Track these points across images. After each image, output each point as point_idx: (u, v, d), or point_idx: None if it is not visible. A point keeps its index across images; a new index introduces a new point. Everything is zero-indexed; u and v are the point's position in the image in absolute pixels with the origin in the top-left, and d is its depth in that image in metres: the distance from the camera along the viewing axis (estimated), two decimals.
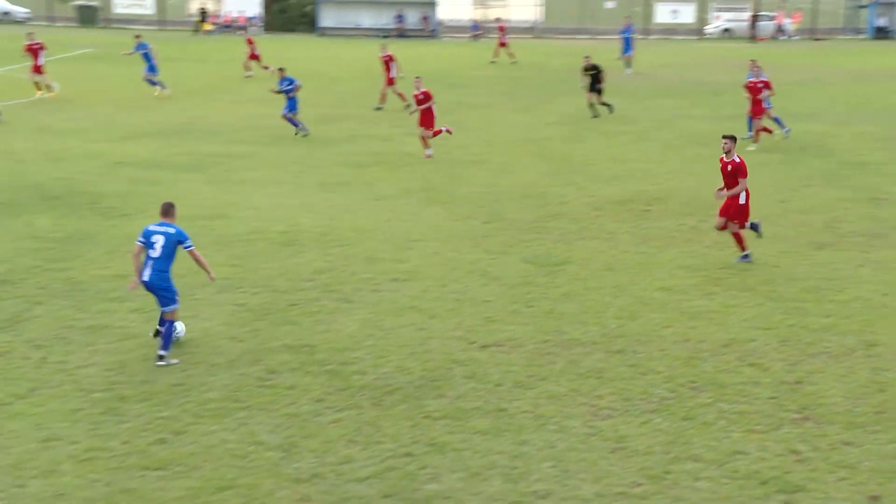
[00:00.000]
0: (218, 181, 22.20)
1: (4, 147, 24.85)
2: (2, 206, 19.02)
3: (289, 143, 27.20)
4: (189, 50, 56.56)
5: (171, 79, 39.54)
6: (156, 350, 12.07)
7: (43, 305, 13.78)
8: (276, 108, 33.75)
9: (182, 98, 35.67)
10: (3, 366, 11.69)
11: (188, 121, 30.45)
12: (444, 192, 21.52)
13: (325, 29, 72.11)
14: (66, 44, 52.58)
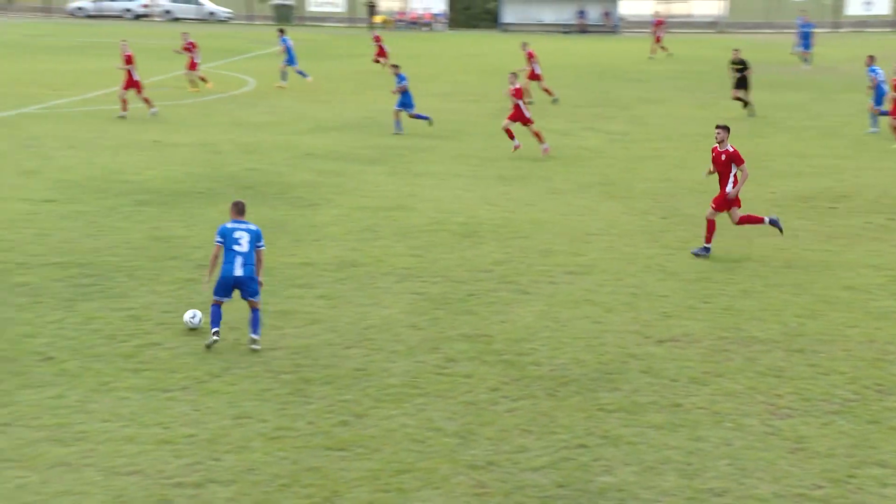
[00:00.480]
0: (399, 173, 22.53)
1: (205, 139, 25.85)
2: (203, 196, 19.78)
3: (468, 137, 27.37)
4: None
5: (356, 74, 40.37)
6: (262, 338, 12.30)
7: None
8: (456, 103, 34.05)
9: (366, 93, 36.37)
10: (200, 346, 12.14)
11: (372, 115, 31.01)
12: (621, 187, 21.26)
13: (507, 25, 72.33)
14: (263, 41, 54.42)
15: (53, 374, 11.20)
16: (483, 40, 64.49)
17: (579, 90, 38.56)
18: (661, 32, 52.81)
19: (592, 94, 37.18)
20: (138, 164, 22.45)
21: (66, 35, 58.25)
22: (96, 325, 12.63)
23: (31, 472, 9.07)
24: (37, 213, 18.07)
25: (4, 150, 23.65)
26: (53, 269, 14.82)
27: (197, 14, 74.52)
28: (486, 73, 43.11)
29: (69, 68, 40.53)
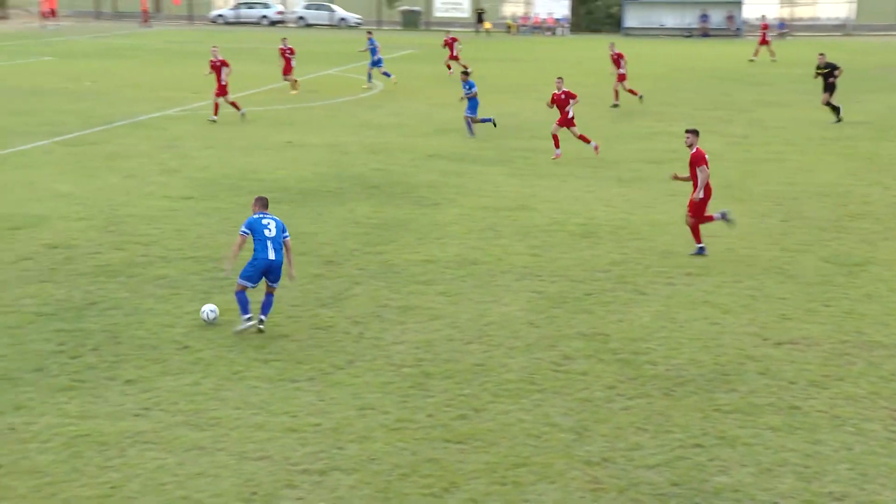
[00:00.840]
0: (521, 174, 22.49)
1: (333, 140, 26.26)
2: (331, 194, 20.10)
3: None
4: (499, 50, 57.67)
5: (481, 78, 40.41)
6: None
7: (361, 285, 14.44)
8: (577, 106, 33.78)
9: (490, 95, 36.37)
10: (326, 339, 12.35)
11: (496, 117, 30.99)
12: (740, 189, 20.81)
13: (629, 29, 71.54)
14: (391, 45, 54.99)
15: (190, 362, 11.52)
16: (603, 44, 63.90)
17: (699, 93, 37.90)
18: (769, 36, 51.68)
19: (712, 97, 36.49)
20: (271, 164, 22.93)
21: (207, 41, 59.82)
22: (230, 317, 12.93)
23: (168, 454, 9.35)
24: (176, 209, 18.61)
25: (148, 150, 24.42)
26: (190, 263, 15.25)
27: (329, 20, 75.70)
28: (608, 77, 42.65)
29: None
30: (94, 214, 18.02)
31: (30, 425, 9.85)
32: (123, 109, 30.97)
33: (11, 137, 25.48)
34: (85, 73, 40.85)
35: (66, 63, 44.96)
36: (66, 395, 10.52)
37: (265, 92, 35.99)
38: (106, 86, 37.18)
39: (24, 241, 16.24)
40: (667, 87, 39.81)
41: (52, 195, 19.39)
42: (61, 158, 23.12)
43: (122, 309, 13.17)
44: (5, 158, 22.85)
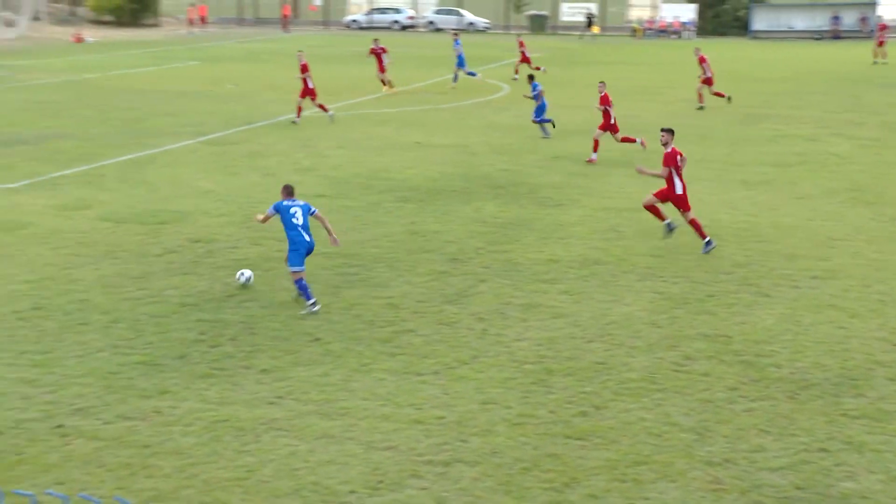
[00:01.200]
0: (644, 177, 22.10)
1: (461, 141, 26.35)
2: (457, 194, 20.18)
3: (712, 142, 26.61)
4: (624, 53, 57.02)
5: (609, 81, 40.04)
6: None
7: (486, 283, 14.45)
8: (708, 112, 33.18)
9: (614, 98, 35.97)
10: (451, 334, 12.40)
11: (620, 120, 30.61)
12: (871, 193, 20.10)
13: (757, 32, 69.84)
14: (517, 49, 54.90)
15: (320, 353, 11.71)
16: (732, 47, 62.56)
17: (829, 96, 36.74)
18: (885, 37, 49.74)
19: (843, 100, 35.33)
20: (400, 164, 23.15)
21: (341, 45, 60.83)
22: (358, 311, 13.11)
23: (300, 441, 9.52)
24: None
25: (285, 150, 24.94)
26: (322, 259, 15.48)
27: (457, 24, 76.05)
28: (734, 80, 41.76)
29: (343, 75, 42.28)
30: (234, 211, 18.49)
31: (174, 409, 10.16)
32: (262, 110, 31.70)
33: (160, 137, 26.36)
34: (227, 76, 41.97)
35: (210, 67, 46.26)
36: (206, 382, 10.82)
37: (396, 94, 36.34)
38: (247, 88, 38.13)
39: (170, 235, 16.77)
40: (795, 90, 38.74)
41: (195, 192, 19.97)
42: (205, 157, 23.80)
43: (257, 301, 13.48)
44: (154, 157, 23.64)
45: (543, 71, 41.29)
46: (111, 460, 9.09)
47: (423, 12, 79.57)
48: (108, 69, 44.02)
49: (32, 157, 23.10)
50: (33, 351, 11.56)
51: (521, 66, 42.39)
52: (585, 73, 45.52)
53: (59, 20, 69.70)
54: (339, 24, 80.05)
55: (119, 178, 21.21)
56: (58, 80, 39.44)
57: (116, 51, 54.28)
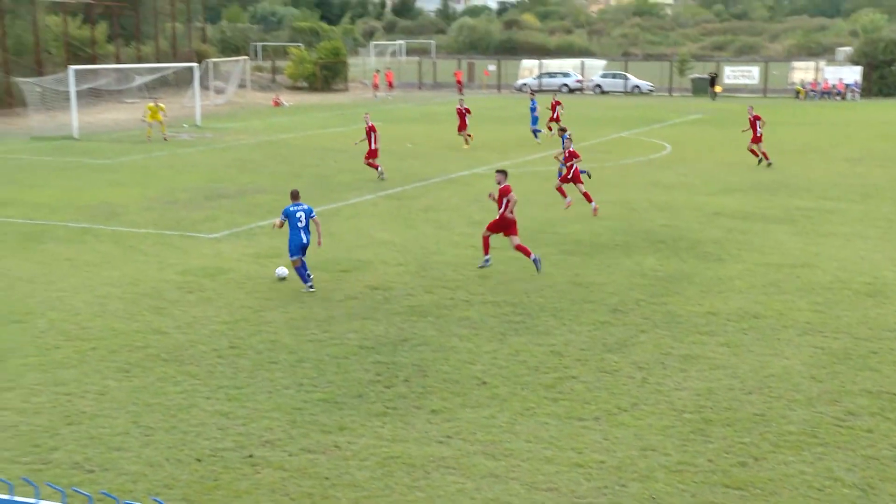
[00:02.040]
0: (805, 233, 21.38)
1: (623, 197, 26.09)
2: (619, 247, 19.95)
3: (877, 200, 25.44)
4: (786, 114, 55.36)
5: (771, 141, 39.02)
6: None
7: (646, 333, 14.18)
8: (865, 167, 31.79)
9: (776, 157, 34.97)
10: (612, 382, 12.20)
11: (782, 178, 29.76)
12: None
13: None
14: (681, 110, 54.13)
15: (487, 396, 11.72)
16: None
17: None
18: None
19: None
20: (565, 219, 23.07)
21: (513, 107, 61.41)
22: (523, 357, 13.07)
23: (466, 479, 9.52)
24: (480, 258, 19.06)
25: (458, 204, 25.26)
26: (490, 307, 15.57)
27: (623, 87, 75.66)
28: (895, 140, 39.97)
29: (514, 135, 42.63)
30: (409, 260, 18.82)
31: (351, 444, 10.34)
32: (438, 168, 32.26)
33: (345, 191, 27.17)
34: (406, 135, 42.97)
35: (391, 127, 47.44)
36: (381, 420, 10.98)
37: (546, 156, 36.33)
38: (424, 147, 38.91)
39: (351, 282, 17.20)
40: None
41: (375, 242, 20.44)
42: (384, 210, 24.37)
43: (429, 345, 13.62)
44: (339, 210, 24.36)
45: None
46: (295, 490, 9.31)
47: (591, 76, 79.49)
48: (300, 130, 45.82)
49: (233, 210, 24.19)
50: (229, 386, 12.02)
51: (552, 125, 42.20)
52: (745, 134, 44.42)
53: (261, 87, 73.07)
54: (511, 87, 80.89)
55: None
56: (257, 140, 41.30)
57: (309, 113, 56.45)
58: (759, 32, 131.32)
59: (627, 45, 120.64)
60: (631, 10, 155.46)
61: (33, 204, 24.77)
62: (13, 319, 14.72)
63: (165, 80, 58.53)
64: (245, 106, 61.52)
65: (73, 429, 10.65)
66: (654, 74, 79.28)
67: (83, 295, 16.15)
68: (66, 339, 13.77)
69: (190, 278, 17.32)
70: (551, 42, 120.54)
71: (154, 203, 25.03)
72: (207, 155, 35.26)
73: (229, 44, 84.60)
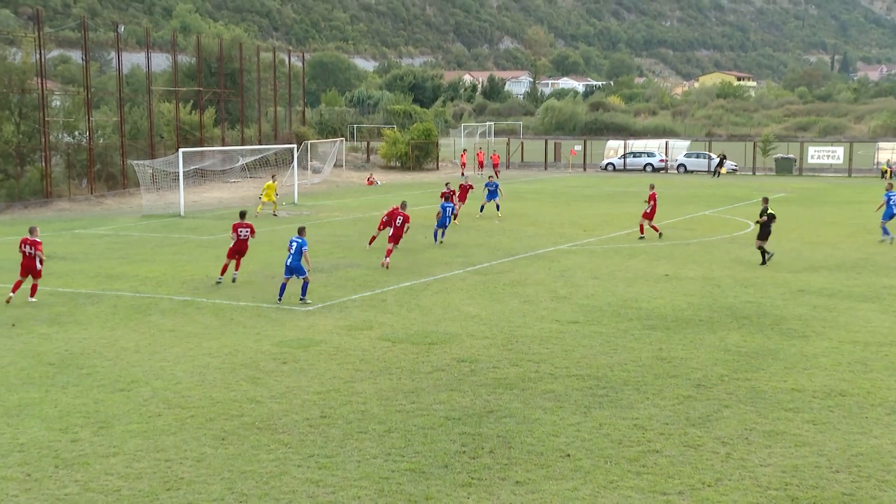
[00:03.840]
0: (892, 311, 20.72)
1: (707, 274, 25.72)
2: (703, 323, 19.62)
3: None
4: (873, 194, 54.10)
5: (854, 218, 38.20)
6: None
7: (730, 409, 13.85)
8: None
9: (861, 236, 34.11)
10: (695, 456, 11.92)
11: (867, 256, 29.00)
12: None
13: None
14: (765, 189, 53.38)
15: (571, 469, 11.55)
16: None
17: None
18: None
19: None
20: (649, 294, 22.82)
21: (598, 186, 61.33)
22: (607, 430, 12.88)
23: None
24: (564, 332, 18.98)
25: (542, 279, 25.22)
26: (574, 380, 15.41)
27: (707, 167, 74.99)
28: None
29: (599, 213, 42.54)
30: (495, 334, 18.80)
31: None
32: (525, 244, 32.32)
33: (435, 267, 27.38)
34: (493, 212, 43.22)
35: (478, 205, 47.82)
36: (465, 491, 10.90)
37: (647, 230, 36.08)
38: (511, 224, 39.06)
39: (439, 354, 17.24)
40: None
41: (462, 316, 20.50)
42: (472, 285, 24.46)
43: (514, 417, 13.52)
44: (428, 284, 24.54)
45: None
46: None
47: (675, 156, 79.05)
48: (390, 207, 46.45)
49: (327, 284, 24.58)
50: (319, 454, 12.09)
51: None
52: (832, 212, 43.53)
53: (356, 167, 74.59)
54: (597, 166, 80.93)
55: (397, 302, 22.13)
56: (350, 217, 42.03)
57: (400, 191, 57.28)
58: (843, 113, 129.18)
59: (711, 126, 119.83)
60: (714, 93, 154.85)
61: (142, 278, 25.57)
62: (119, 388, 15.13)
63: (266, 161, 60.24)
64: (340, 185, 62.78)
65: (171, 494, 10.83)
66: (739, 154, 78.46)
67: (184, 364, 16.53)
68: (168, 407, 14.08)
69: (284, 349, 17.59)
70: (636, 123, 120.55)
71: (253, 277, 25.60)
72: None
73: (326, 126, 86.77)
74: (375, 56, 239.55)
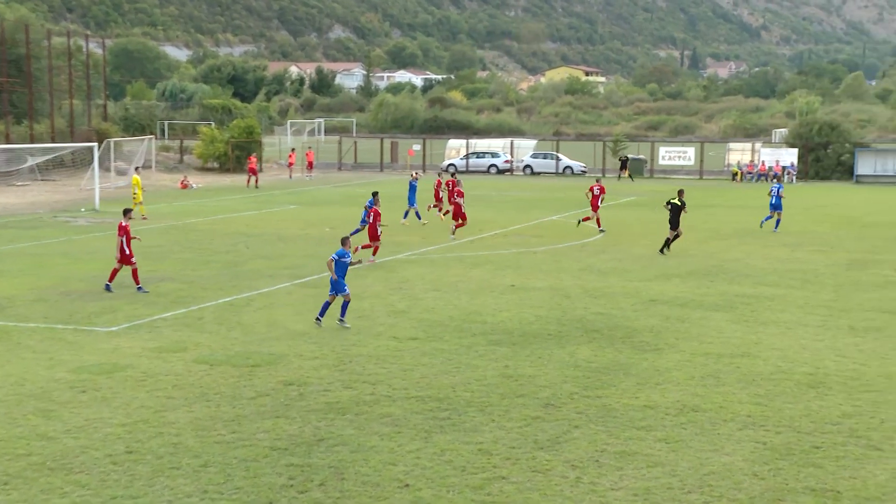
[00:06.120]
0: (745, 321, 21.84)
1: (556, 284, 26.40)
2: (551, 337, 20.12)
3: (817, 287, 26.15)
4: (724, 197, 56.94)
5: (706, 223, 40.07)
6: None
7: (580, 429, 14.25)
8: (804, 252, 32.75)
9: (712, 242, 35.83)
10: (544, 482, 12.19)
11: (719, 263, 30.45)
12: None
13: (861, 177, 69.22)
14: (614, 192, 55.30)
15: (410, 500, 11.60)
16: (833, 191, 62.08)
17: None
18: None
19: None
20: (494, 307, 23.23)
21: None
22: (449, 457, 13.01)
23: None
24: (402, 349, 19.08)
25: (379, 292, 25.28)
26: (413, 402, 15.51)
27: (555, 168, 77.06)
28: (837, 224, 41.34)
29: (440, 219, 42.95)
30: (326, 353, 18.71)
31: None
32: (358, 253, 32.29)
33: (258, 280, 27.01)
34: (325, 219, 43.05)
35: (308, 210, 47.57)
36: None
37: (492, 237, 36.75)
38: (344, 231, 38.96)
39: (263, 377, 17.01)
40: None
41: (289, 334, 20.31)
42: (300, 299, 24.26)
43: (348, 445, 13.49)
44: (251, 300, 24.18)
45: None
46: None
47: (521, 156, 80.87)
48: (210, 213, 45.60)
49: (134, 301, 23.85)
50: (123, 496, 11.70)
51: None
52: (683, 216, 45.48)
53: (168, 168, 72.79)
54: (437, 168, 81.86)
55: (216, 320, 21.71)
56: (163, 224, 40.97)
57: (219, 196, 56.31)
58: (694, 112, 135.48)
59: (559, 124, 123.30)
60: (562, 88, 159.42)
61: None
62: None
63: (61, 162, 57.98)
64: (150, 188, 61.13)
65: None
66: (588, 155, 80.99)
67: None
68: None
69: (83, 376, 16.95)
70: (480, 121, 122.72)
71: (46, 294, 24.57)
72: (107, 241, 34.76)
73: (133, 122, 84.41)
74: (189, 44, 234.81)
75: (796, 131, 78.56)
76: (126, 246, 25.01)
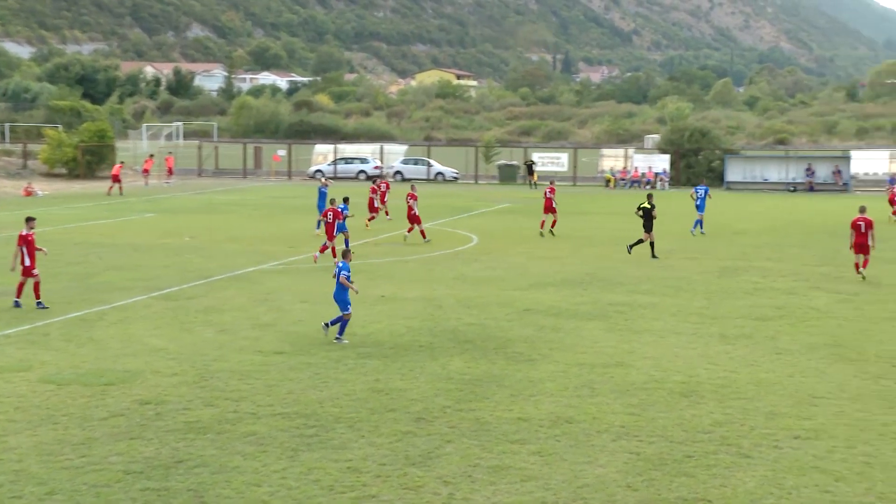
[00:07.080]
0: (618, 329, 22.36)
1: (428, 294, 26.54)
2: (423, 349, 20.22)
3: (689, 294, 26.96)
4: (598, 203, 58.22)
5: (580, 230, 40.89)
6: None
7: (452, 444, 14.35)
8: (677, 260, 33.73)
9: (585, 249, 36.58)
10: (415, 499, 12.22)
11: (594, 271, 31.10)
12: (853, 349, 20.32)
13: (731, 183, 71.70)
14: (488, 199, 55.92)
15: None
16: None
17: (807, 248, 37.51)
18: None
19: (821, 253, 36.03)
20: (364, 318, 23.21)
21: (306, 196, 61.56)
22: (316, 476, 12.95)
23: None
24: (268, 364, 18.90)
25: (242, 304, 24.98)
26: (279, 420, 15.38)
27: (426, 174, 77.49)
28: (708, 231, 42.71)
29: (307, 227, 42.69)
30: (186, 369, 18.40)
31: None
32: (221, 263, 31.88)
33: (112, 293, 26.37)
34: (184, 228, 42.34)
35: (166, 219, 46.70)
36: None
37: (362, 245, 36.72)
38: (204, 240, 38.39)
39: (117, 396, 16.62)
40: (772, 242, 39.55)
41: (146, 350, 19.89)
42: (158, 313, 23.80)
43: (209, 467, 13.28)
44: (104, 314, 23.59)
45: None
46: None
47: (391, 162, 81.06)
48: (59, 223, 44.31)
49: None
50: None
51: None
52: (557, 223, 46.28)
53: (10, 174, 70.41)
54: (304, 174, 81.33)
55: (64, 337, 21.11)
56: (3, 234, 39.57)
57: (69, 203, 54.77)
58: (567, 117, 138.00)
59: (430, 129, 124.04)
60: (433, 92, 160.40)
61: None
62: None
63: None
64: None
65: None
66: (461, 161, 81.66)
67: None
68: None
69: None
70: (348, 125, 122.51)
71: None
72: None
73: None
74: (32, 40, 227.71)
75: (668, 137, 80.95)
76: (27, 256, 24.35)
